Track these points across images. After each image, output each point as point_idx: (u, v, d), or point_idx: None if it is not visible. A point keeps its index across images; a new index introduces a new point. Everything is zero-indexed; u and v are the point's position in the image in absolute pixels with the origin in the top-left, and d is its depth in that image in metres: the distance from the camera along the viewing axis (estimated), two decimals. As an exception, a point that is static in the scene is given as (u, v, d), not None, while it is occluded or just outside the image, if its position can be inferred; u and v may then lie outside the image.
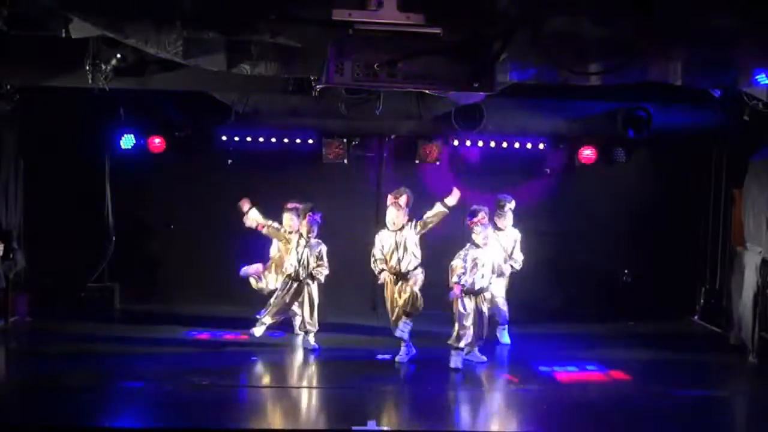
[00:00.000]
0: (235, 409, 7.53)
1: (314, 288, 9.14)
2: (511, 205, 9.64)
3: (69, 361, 8.50)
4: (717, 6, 6.45)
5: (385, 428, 6.66)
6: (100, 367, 8.42)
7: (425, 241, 8.92)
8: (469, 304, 8.47)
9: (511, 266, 9.53)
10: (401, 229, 8.70)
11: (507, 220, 9.59)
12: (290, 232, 9.07)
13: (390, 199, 8.82)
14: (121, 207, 11.43)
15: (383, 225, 8.86)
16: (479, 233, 8.49)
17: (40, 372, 8.15)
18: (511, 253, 9.58)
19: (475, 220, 8.52)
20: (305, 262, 9.00)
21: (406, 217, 8.73)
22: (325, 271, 9.09)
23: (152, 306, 11.27)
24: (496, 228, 9.41)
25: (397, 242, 8.68)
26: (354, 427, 6.66)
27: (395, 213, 8.70)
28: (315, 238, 9.05)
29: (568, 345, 9.74)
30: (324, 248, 9.10)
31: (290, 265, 9.07)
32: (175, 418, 6.91)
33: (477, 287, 8.48)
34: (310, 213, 8.94)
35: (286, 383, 8.23)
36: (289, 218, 9.12)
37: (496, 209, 9.55)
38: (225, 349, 9.46)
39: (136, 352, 9.05)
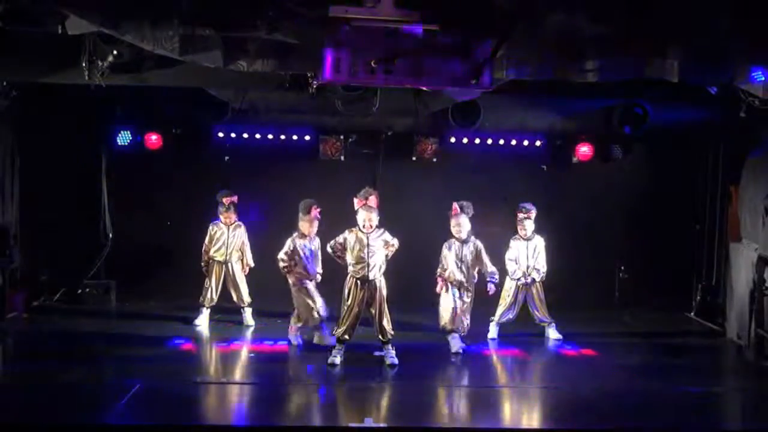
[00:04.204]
0: (233, 406, 7.52)
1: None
2: (529, 214, 9.75)
3: (65, 358, 8.47)
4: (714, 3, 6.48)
5: (382, 425, 6.68)
6: (96, 364, 8.41)
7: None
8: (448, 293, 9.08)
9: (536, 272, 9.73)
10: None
11: (526, 228, 9.72)
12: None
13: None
14: (118, 204, 11.42)
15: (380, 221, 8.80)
16: (452, 226, 9.07)
17: (37, 369, 8.12)
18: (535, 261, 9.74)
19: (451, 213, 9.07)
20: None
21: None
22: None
23: (149, 303, 11.27)
24: (521, 237, 9.74)
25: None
26: (351, 424, 6.69)
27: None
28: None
29: (562, 342, 9.75)
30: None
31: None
32: (172, 415, 6.90)
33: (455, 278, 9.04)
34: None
35: (285, 380, 8.22)
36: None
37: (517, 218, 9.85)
38: (222, 346, 9.47)
39: (132, 349, 9.02)
